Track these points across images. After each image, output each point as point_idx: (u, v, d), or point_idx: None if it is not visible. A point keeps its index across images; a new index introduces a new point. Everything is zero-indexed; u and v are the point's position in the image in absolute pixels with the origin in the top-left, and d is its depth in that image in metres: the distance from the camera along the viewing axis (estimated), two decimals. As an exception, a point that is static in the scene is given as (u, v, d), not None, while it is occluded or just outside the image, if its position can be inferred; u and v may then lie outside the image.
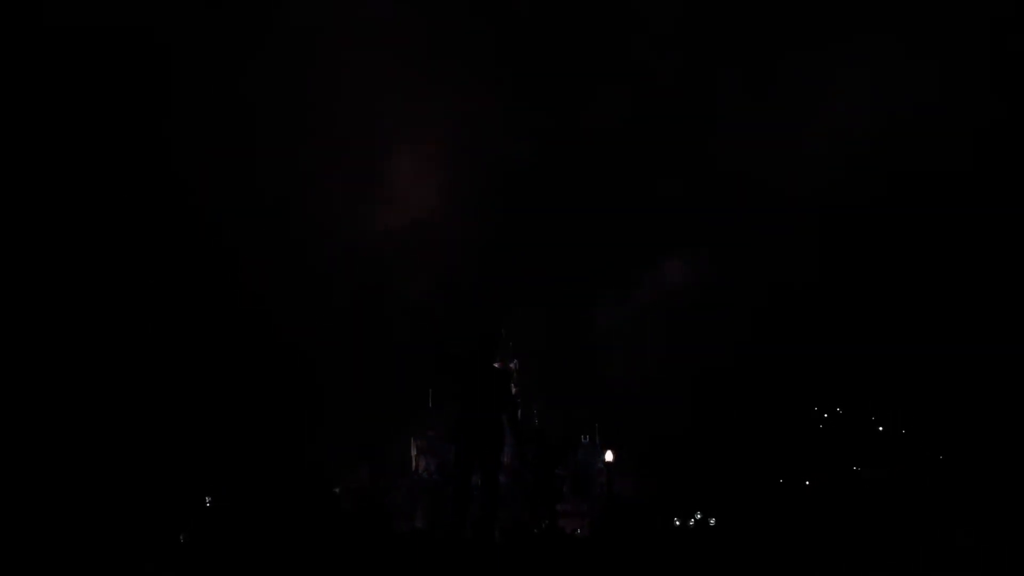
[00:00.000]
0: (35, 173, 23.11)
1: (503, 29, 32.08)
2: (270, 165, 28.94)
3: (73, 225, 23.35)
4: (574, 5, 33.07)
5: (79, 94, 24.78)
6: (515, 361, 29.30)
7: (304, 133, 29.79)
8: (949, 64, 27.73)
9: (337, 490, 26.41)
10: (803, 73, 30.03)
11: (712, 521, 27.72)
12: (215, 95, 27.80)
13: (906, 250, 29.38)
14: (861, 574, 10.55)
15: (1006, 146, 27.00)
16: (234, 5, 28.22)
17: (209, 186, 26.12)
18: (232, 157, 27.11)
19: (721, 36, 31.76)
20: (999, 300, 26.86)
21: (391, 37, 30.10)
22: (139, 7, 26.06)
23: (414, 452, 29.52)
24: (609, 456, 24.83)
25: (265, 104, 28.98)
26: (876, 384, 30.56)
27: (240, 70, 28.09)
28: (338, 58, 29.38)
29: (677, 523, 27.95)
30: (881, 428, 30.77)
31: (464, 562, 9.56)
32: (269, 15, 29.34)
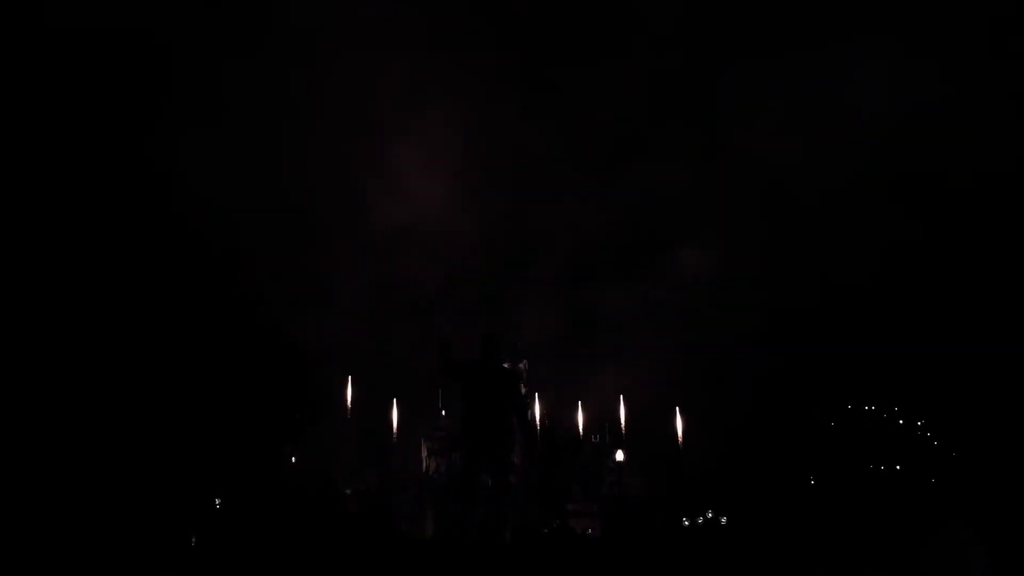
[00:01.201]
0: (35, 173, 23.03)
1: (503, 29, 32.13)
2: (269, 165, 28.95)
3: (73, 225, 23.26)
4: (574, 5, 33.12)
5: (79, 94, 24.71)
6: (524, 361, 29.24)
7: (304, 133, 29.82)
8: (949, 64, 27.87)
9: (349, 491, 26.32)
10: (803, 73, 30.13)
11: (723, 520, 27.72)
12: (215, 95, 27.80)
13: (907, 250, 29.50)
14: (866, 574, 10.57)
15: (1006, 146, 27.14)
16: (234, 5, 28.25)
17: (209, 186, 26.09)
18: (232, 157, 27.10)
19: (721, 36, 31.85)
20: (1001, 300, 27.02)
21: (391, 37, 30.16)
22: (139, 7, 26.04)
23: (424, 453, 29.48)
24: (620, 455, 24.81)
25: (265, 104, 29.00)
26: (877, 384, 30.73)
27: (240, 70, 28.09)
28: (338, 58, 29.44)
29: (686, 523, 27.92)
30: (888, 428, 30.89)
31: (471, 563, 9.54)
32: (269, 15, 29.37)
